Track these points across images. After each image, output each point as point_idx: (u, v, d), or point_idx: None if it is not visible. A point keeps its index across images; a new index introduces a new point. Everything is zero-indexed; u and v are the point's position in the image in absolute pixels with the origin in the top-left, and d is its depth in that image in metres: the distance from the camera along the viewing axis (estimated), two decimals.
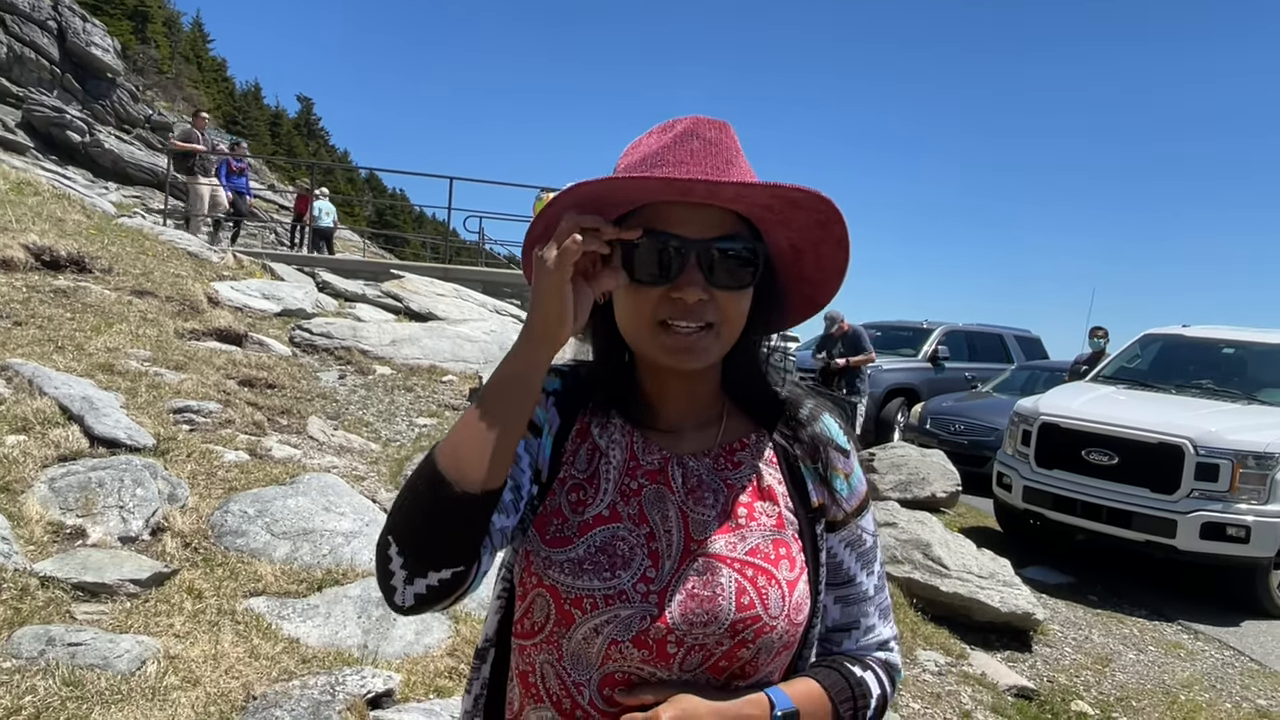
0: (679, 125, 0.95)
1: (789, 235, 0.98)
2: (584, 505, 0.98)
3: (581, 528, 0.96)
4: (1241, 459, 6.02)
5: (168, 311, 6.54)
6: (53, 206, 8.37)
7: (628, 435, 1.02)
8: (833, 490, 1.02)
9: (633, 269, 0.92)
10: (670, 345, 0.93)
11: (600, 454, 1.01)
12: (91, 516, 3.47)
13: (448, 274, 12.53)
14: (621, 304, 0.96)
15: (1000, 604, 5.10)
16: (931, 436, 10.29)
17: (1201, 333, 8.13)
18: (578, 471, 1.00)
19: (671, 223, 0.91)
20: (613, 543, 0.95)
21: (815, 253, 1.00)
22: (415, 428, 5.70)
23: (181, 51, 37.69)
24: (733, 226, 0.93)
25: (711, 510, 0.98)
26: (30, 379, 4.32)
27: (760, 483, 1.01)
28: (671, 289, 0.91)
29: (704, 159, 0.91)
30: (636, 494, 0.98)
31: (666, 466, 1.00)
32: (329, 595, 3.34)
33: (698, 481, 0.99)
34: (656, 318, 0.93)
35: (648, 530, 0.96)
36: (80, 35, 23.49)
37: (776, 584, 0.94)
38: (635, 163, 0.95)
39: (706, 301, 0.91)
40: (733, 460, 1.02)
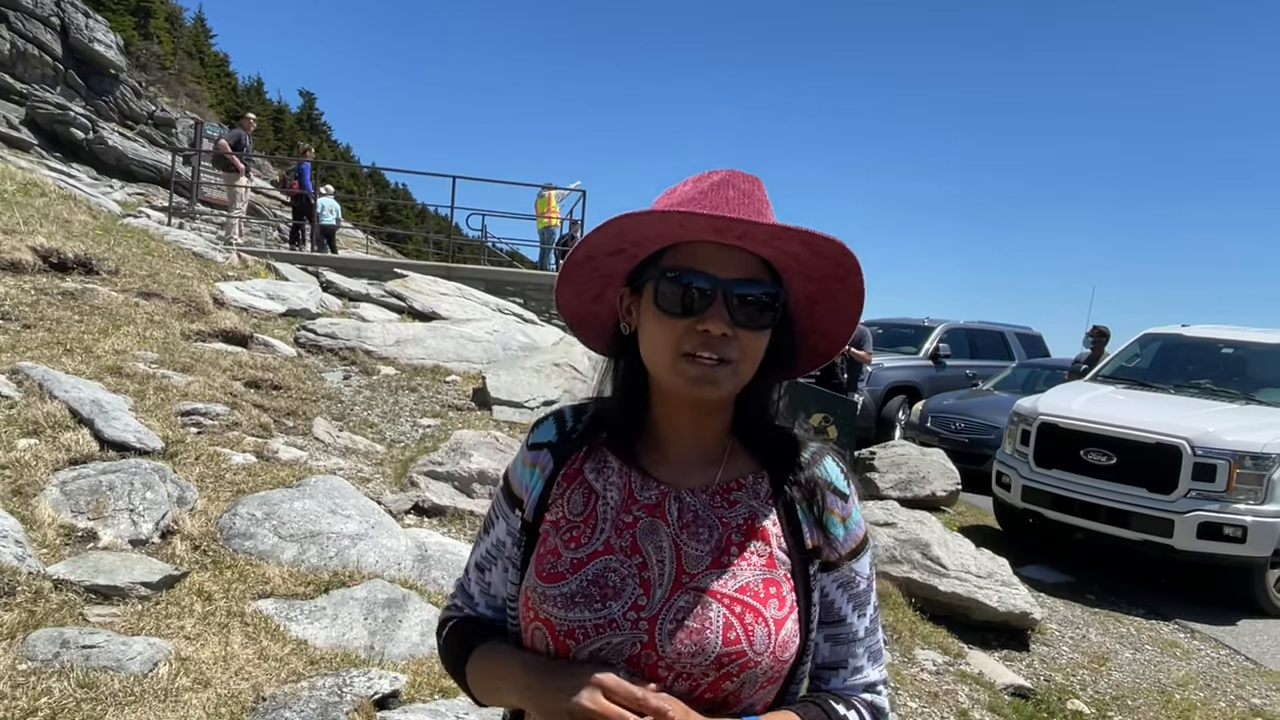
0: (715, 175, 1.02)
1: (807, 286, 1.04)
2: (580, 543, 1.03)
3: (575, 565, 1.01)
4: (1239, 459, 6.07)
5: (174, 313, 6.60)
6: (59, 207, 8.42)
7: (625, 476, 1.06)
8: (828, 534, 1.06)
9: (664, 301, 0.99)
10: (692, 374, 0.98)
11: (597, 496, 1.06)
12: (102, 519, 3.52)
13: (451, 273, 12.58)
14: (649, 333, 1.02)
15: (998, 603, 5.16)
16: (932, 435, 10.34)
17: (1200, 332, 8.17)
18: (573, 514, 1.05)
19: (702, 261, 0.98)
20: (605, 574, 1.00)
21: (830, 303, 1.06)
22: (419, 428, 5.76)
23: (184, 47, 37.64)
24: (758, 271, 1.00)
25: (705, 545, 1.02)
26: (41, 382, 4.38)
27: (755, 522, 1.04)
28: (697, 322, 0.97)
29: (739, 206, 0.97)
30: (631, 526, 1.03)
31: (664, 500, 1.04)
32: (336, 597, 3.40)
33: (693, 516, 1.03)
34: (681, 349, 0.98)
35: (640, 560, 1.01)
36: (83, 31, 23.51)
37: (764, 621, 0.98)
38: (675, 205, 1.00)
39: (730, 338, 0.97)
40: (729, 499, 1.06)
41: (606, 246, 1.04)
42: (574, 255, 1.06)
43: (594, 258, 1.06)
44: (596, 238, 1.02)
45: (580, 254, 1.05)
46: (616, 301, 1.09)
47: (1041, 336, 14.73)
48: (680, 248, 1.00)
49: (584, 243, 1.04)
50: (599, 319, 1.14)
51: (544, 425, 1.14)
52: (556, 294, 1.13)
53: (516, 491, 1.12)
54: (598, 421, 1.11)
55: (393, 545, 3.87)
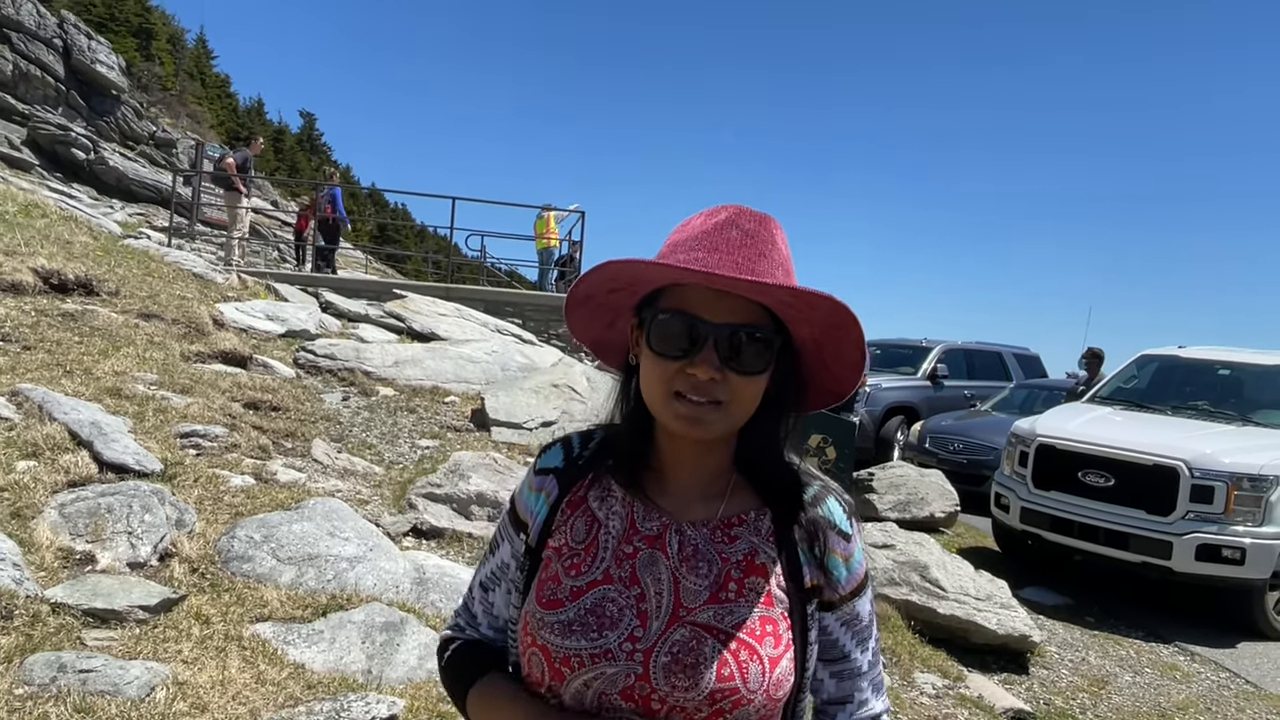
0: (723, 213, 1.02)
1: (810, 330, 1.04)
2: (579, 571, 1.04)
3: (574, 592, 1.02)
4: (1236, 481, 6.08)
5: (174, 334, 6.62)
6: (60, 229, 8.46)
7: (628, 506, 1.07)
8: (830, 574, 1.07)
9: (656, 343, 1.00)
10: (681, 414, 0.99)
11: (599, 524, 1.07)
12: (101, 542, 3.52)
13: (450, 293, 12.61)
14: (645, 371, 1.03)
15: (997, 626, 5.15)
16: (930, 455, 10.35)
17: (1197, 354, 8.20)
18: (575, 541, 1.06)
19: (696, 305, 0.99)
20: (603, 604, 1.01)
21: (835, 347, 1.06)
22: (418, 449, 5.76)
23: (185, 68, 37.91)
24: (754, 315, 1.00)
25: (704, 580, 1.02)
26: (40, 404, 4.38)
27: (754, 559, 1.05)
28: (687, 365, 0.98)
29: (738, 248, 0.98)
30: (631, 557, 1.04)
31: (665, 533, 1.05)
32: (333, 620, 3.39)
33: (693, 550, 1.04)
34: (672, 388, 0.99)
35: (639, 591, 1.02)
36: (85, 53, 23.69)
37: (758, 659, 0.99)
38: (678, 241, 1.02)
39: (719, 381, 0.98)
40: (730, 534, 1.06)
41: (602, 286, 1.06)
42: (574, 293, 1.08)
43: (593, 296, 1.08)
44: (591, 279, 1.05)
45: (580, 293, 1.08)
46: (628, 330, 1.10)
47: (1039, 357, 14.77)
48: (675, 289, 1.01)
49: (581, 283, 1.06)
50: (616, 344, 1.16)
51: (551, 451, 1.16)
52: (569, 325, 1.16)
53: (522, 515, 1.13)
54: (604, 449, 1.12)
55: (391, 568, 3.86)
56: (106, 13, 32.54)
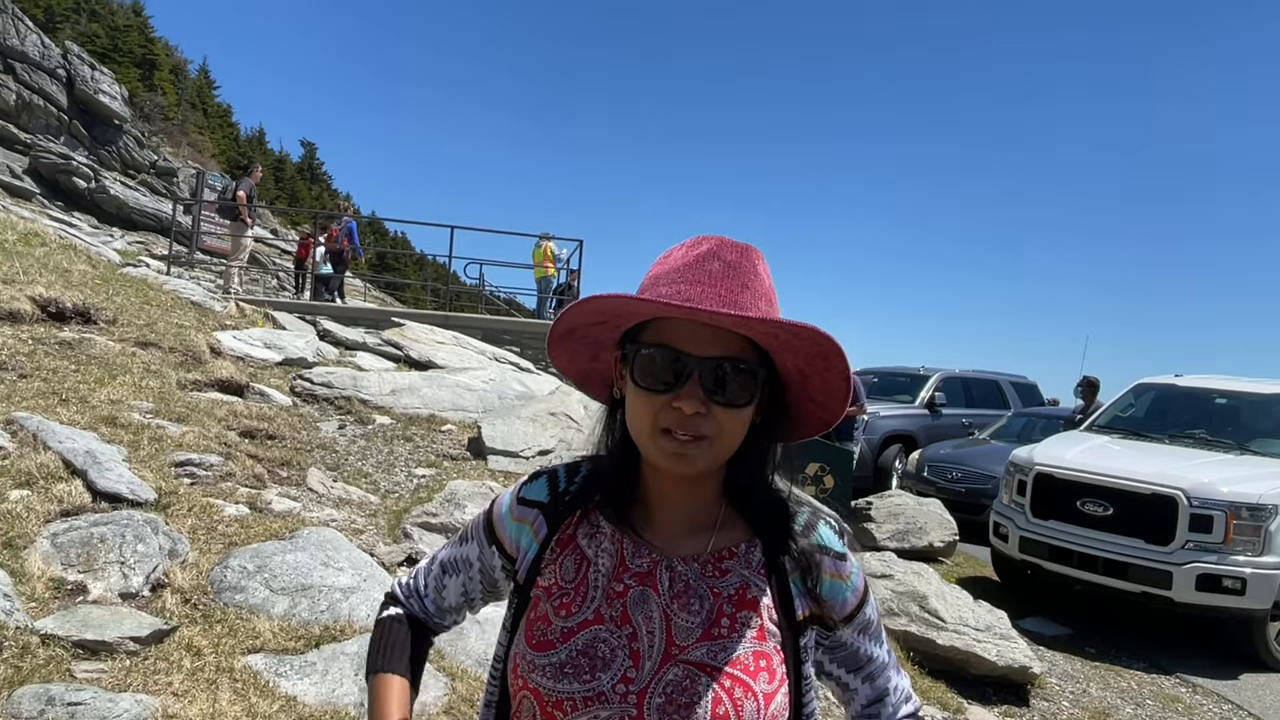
0: (704, 245, 1.01)
1: (796, 361, 1.03)
2: (570, 611, 1.02)
3: (565, 634, 1.01)
4: (1235, 510, 6.05)
5: (171, 362, 6.61)
6: (59, 257, 8.48)
7: (617, 542, 1.06)
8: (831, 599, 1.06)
9: (640, 377, 0.99)
10: (666, 449, 0.98)
11: (589, 563, 1.06)
12: (93, 573, 3.50)
13: (448, 321, 12.63)
14: (630, 406, 1.02)
15: (997, 657, 5.10)
16: (929, 484, 10.31)
17: (1194, 382, 8.20)
18: (565, 580, 1.05)
19: (680, 339, 0.98)
20: (594, 645, 1.00)
21: (820, 379, 1.04)
22: (414, 478, 5.74)
23: (188, 98, 38.23)
24: (738, 348, 0.99)
25: (695, 616, 1.01)
26: (35, 433, 4.37)
27: (746, 593, 1.03)
28: (673, 399, 0.97)
29: (720, 281, 0.97)
30: (621, 595, 1.03)
31: (655, 569, 1.04)
32: (326, 652, 3.36)
33: (684, 586, 1.03)
34: (658, 424, 0.98)
35: (630, 631, 1.00)
36: (88, 83, 23.90)
37: (753, 696, 0.98)
38: (660, 273, 1.01)
39: (704, 415, 0.97)
40: (721, 567, 1.05)
41: (586, 320, 1.05)
42: (556, 328, 1.07)
43: (575, 329, 1.07)
44: (574, 314, 1.03)
45: (562, 327, 1.06)
46: (612, 363, 1.10)
47: (1037, 385, 14.77)
48: (658, 323, 1.00)
49: (564, 317, 1.05)
50: (599, 375, 1.15)
51: (537, 483, 1.14)
52: (552, 359, 1.15)
53: (500, 535, 1.14)
54: (591, 484, 1.11)
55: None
56: (110, 44, 32.88)
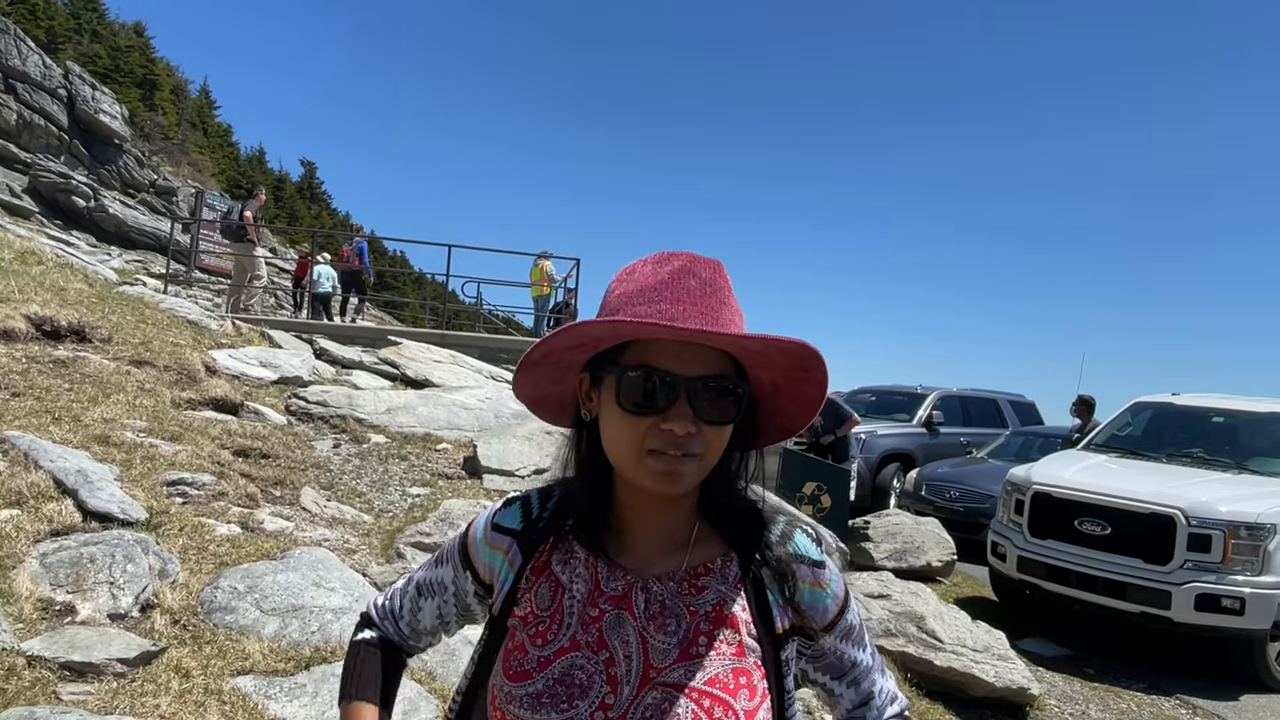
0: (675, 261, 1.00)
1: (771, 374, 1.03)
2: (546, 640, 1.01)
3: (542, 663, 0.99)
4: (1234, 530, 6.03)
5: (165, 381, 6.59)
6: (55, 276, 8.48)
7: (592, 567, 1.05)
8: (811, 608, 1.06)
9: (626, 400, 0.97)
10: (657, 470, 0.96)
11: (563, 589, 1.04)
12: (82, 593, 3.47)
13: (445, 340, 12.63)
14: (611, 429, 1.00)
15: (995, 678, 5.06)
16: (926, 503, 10.28)
17: (1191, 401, 8.20)
18: (540, 608, 1.04)
19: (665, 359, 0.96)
20: (571, 672, 0.98)
21: (793, 390, 1.05)
22: (408, 498, 5.71)
23: (188, 118, 38.44)
24: (721, 366, 0.99)
25: (672, 637, 1.00)
26: (26, 452, 4.35)
27: (723, 609, 1.02)
28: (661, 420, 0.96)
29: (700, 298, 0.96)
30: (597, 620, 1.01)
31: (630, 591, 1.02)
32: (316, 674, 3.33)
33: (660, 607, 1.01)
34: (646, 446, 0.97)
35: (607, 656, 0.99)
36: (89, 103, 24.03)
37: (733, 714, 0.96)
38: (631, 292, 0.99)
39: (694, 435, 0.96)
40: (697, 584, 1.03)
41: (566, 344, 1.03)
42: (532, 355, 1.04)
43: (551, 354, 1.05)
44: (556, 341, 1.01)
45: (538, 353, 1.04)
46: (575, 385, 1.08)
47: (1035, 404, 14.77)
48: (639, 343, 0.99)
49: (543, 344, 1.02)
50: (558, 399, 1.13)
51: (510, 509, 1.13)
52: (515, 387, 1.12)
53: (474, 561, 1.12)
54: (563, 509, 1.10)
55: None
56: (112, 64, 33.09)
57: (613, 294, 1.02)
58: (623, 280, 1.02)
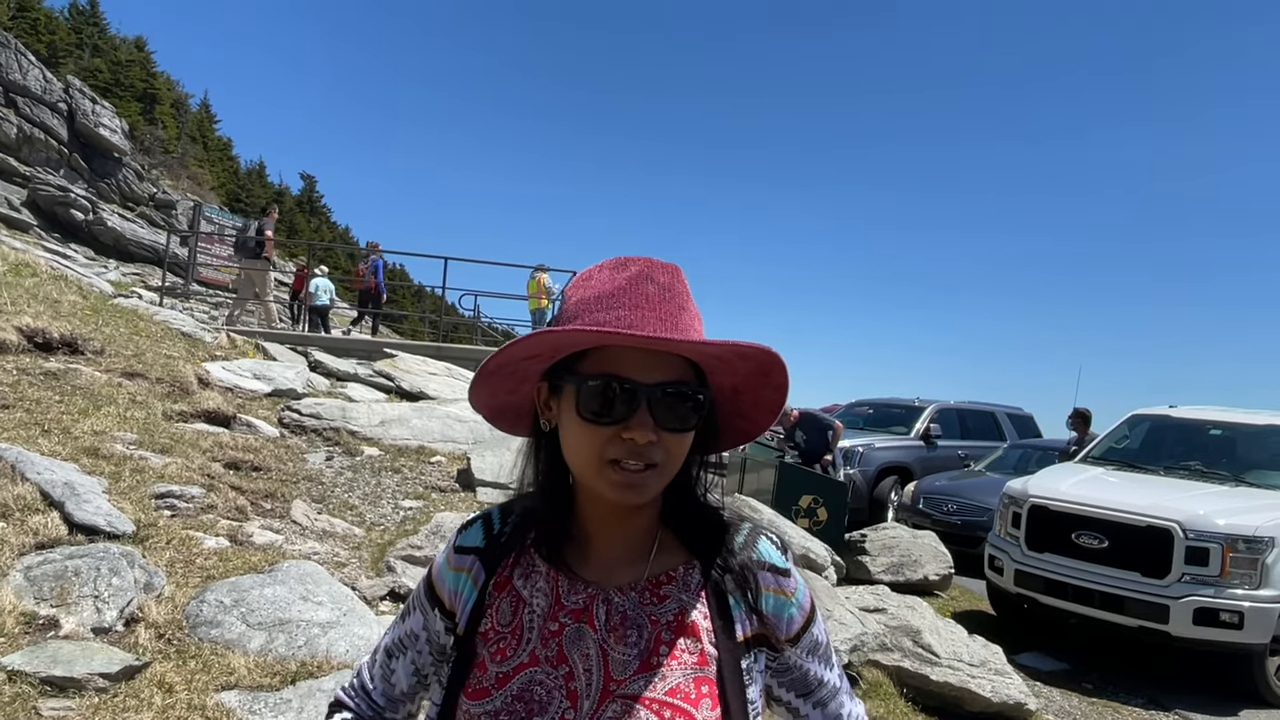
0: (633, 266, 0.98)
1: (732, 380, 1.01)
2: (505, 656, 0.99)
3: (500, 679, 0.97)
4: (1231, 543, 5.99)
5: (157, 393, 6.56)
6: (49, 288, 8.46)
7: (552, 581, 1.02)
8: (779, 616, 1.03)
9: (585, 409, 0.95)
10: (618, 481, 0.94)
11: (524, 604, 1.02)
12: (66, 607, 3.43)
13: (441, 353, 12.60)
14: (572, 439, 0.98)
15: (992, 693, 5.02)
16: (924, 516, 10.24)
17: (1188, 414, 8.17)
18: (501, 624, 1.01)
19: (625, 366, 0.94)
20: (530, 688, 0.96)
21: (754, 395, 1.04)
22: (400, 511, 5.67)
23: (188, 132, 38.56)
24: (681, 372, 0.96)
25: (633, 648, 0.97)
26: (13, 464, 4.31)
27: (685, 617, 1.00)
28: (622, 430, 0.93)
29: (659, 304, 0.94)
30: (557, 635, 0.99)
31: (591, 604, 1.00)
32: (302, 689, 3.28)
33: (621, 618, 0.99)
34: (606, 456, 0.94)
35: (566, 670, 0.97)
36: (89, 116, 24.11)
37: None
38: (589, 298, 0.97)
39: (655, 443, 0.94)
40: (659, 593, 1.01)
41: (523, 354, 1.00)
42: (488, 365, 1.02)
43: (507, 364, 1.03)
44: (515, 350, 0.99)
45: (494, 363, 1.02)
46: (533, 393, 1.05)
47: (1033, 417, 14.73)
48: (598, 351, 0.96)
49: (500, 353, 1.00)
50: (515, 408, 1.10)
51: (472, 529, 1.10)
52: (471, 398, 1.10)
53: (441, 594, 1.08)
54: (524, 523, 1.07)
55: (364, 634, 3.76)
56: (112, 78, 33.23)
57: (570, 300, 1.00)
58: (579, 286, 1.00)
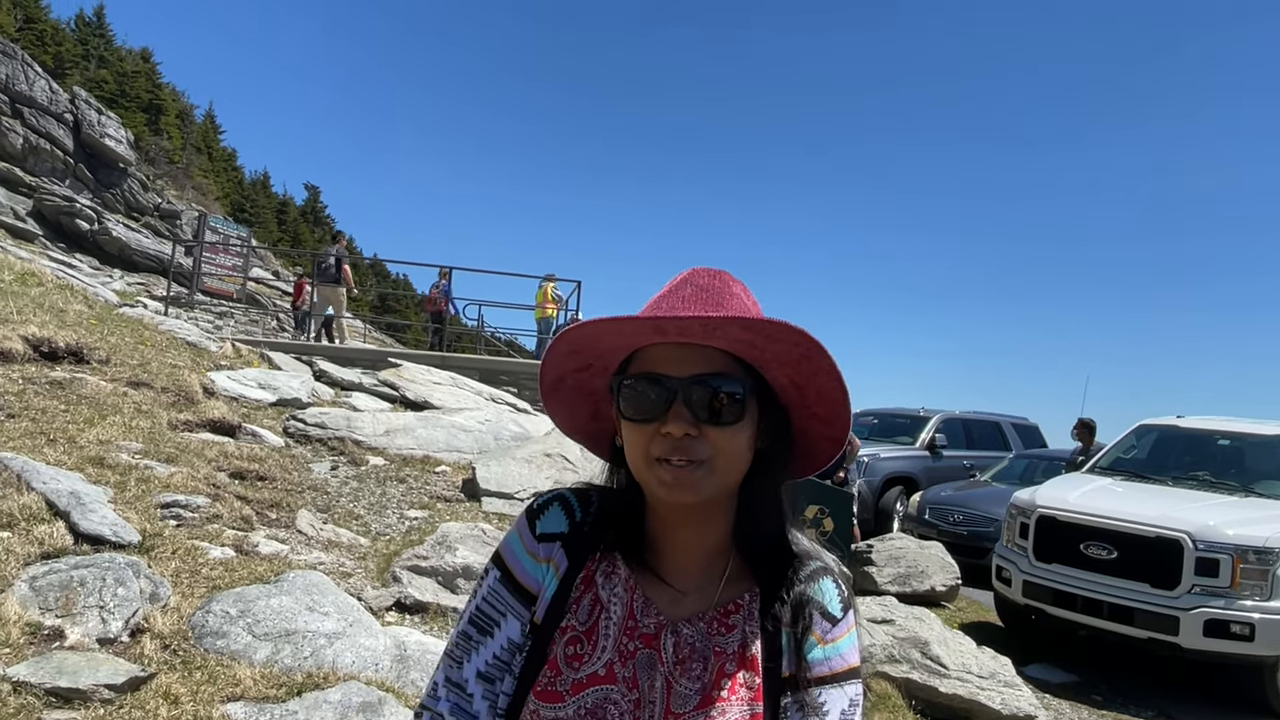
0: (679, 277, 1.00)
1: (785, 371, 0.98)
2: (580, 661, 0.97)
3: (575, 686, 0.95)
4: (1242, 554, 5.94)
5: (162, 403, 6.56)
6: (55, 297, 8.47)
7: (630, 591, 1.01)
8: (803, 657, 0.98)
9: (627, 409, 0.96)
10: (665, 479, 0.93)
11: (601, 608, 1.00)
12: (71, 617, 3.41)
13: (445, 362, 12.60)
14: (625, 443, 0.99)
15: (1001, 705, 4.97)
16: (930, 527, 10.20)
17: (1196, 423, 8.13)
18: (578, 623, 1.00)
19: (659, 364, 0.95)
20: (604, 705, 0.94)
21: (814, 386, 0.99)
22: (406, 520, 5.65)
23: (193, 142, 38.70)
24: (721, 365, 0.95)
25: (696, 682, 0.96)
26: (19, 473, 4.30)
27: (746, 650, 0.98)
28: (660, 425, 0.93)
29: (694, 303, 0.94)
30: (633, 655, 0.98)
31: (661, 633, 0.98)
32: (309, 700, 3.26)
33: (689, 650, 0.98)
34: (652, 454, 0.94)
35: (637, 697, 0.96)
36: (95, 127, 24.21)
37: None
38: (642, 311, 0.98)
39: (696, 438, 0.93)
40: (726, 623, 1.00)
41: (568, 364, 1.02)
42: (544, 381, 1.05)
43: (564, 377, 1.04)
44: (553, 356, 1.01)
45: (549, 377, 1.04)
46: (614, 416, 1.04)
47: (1038, 427, 14.70)
48: (640, 354, 0.98)
49: (546, 366, 1.02)
50: (606, 433, 1.10)
51: (550, 513, 1.06)
52: (557, 424, 1.12)
53: (523, 582, 1.03)
54: (604, 518, 1.05)
55: (371, 644, 3.73)
56: (118, 89, 33.39)
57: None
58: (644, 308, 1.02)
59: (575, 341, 0.99)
